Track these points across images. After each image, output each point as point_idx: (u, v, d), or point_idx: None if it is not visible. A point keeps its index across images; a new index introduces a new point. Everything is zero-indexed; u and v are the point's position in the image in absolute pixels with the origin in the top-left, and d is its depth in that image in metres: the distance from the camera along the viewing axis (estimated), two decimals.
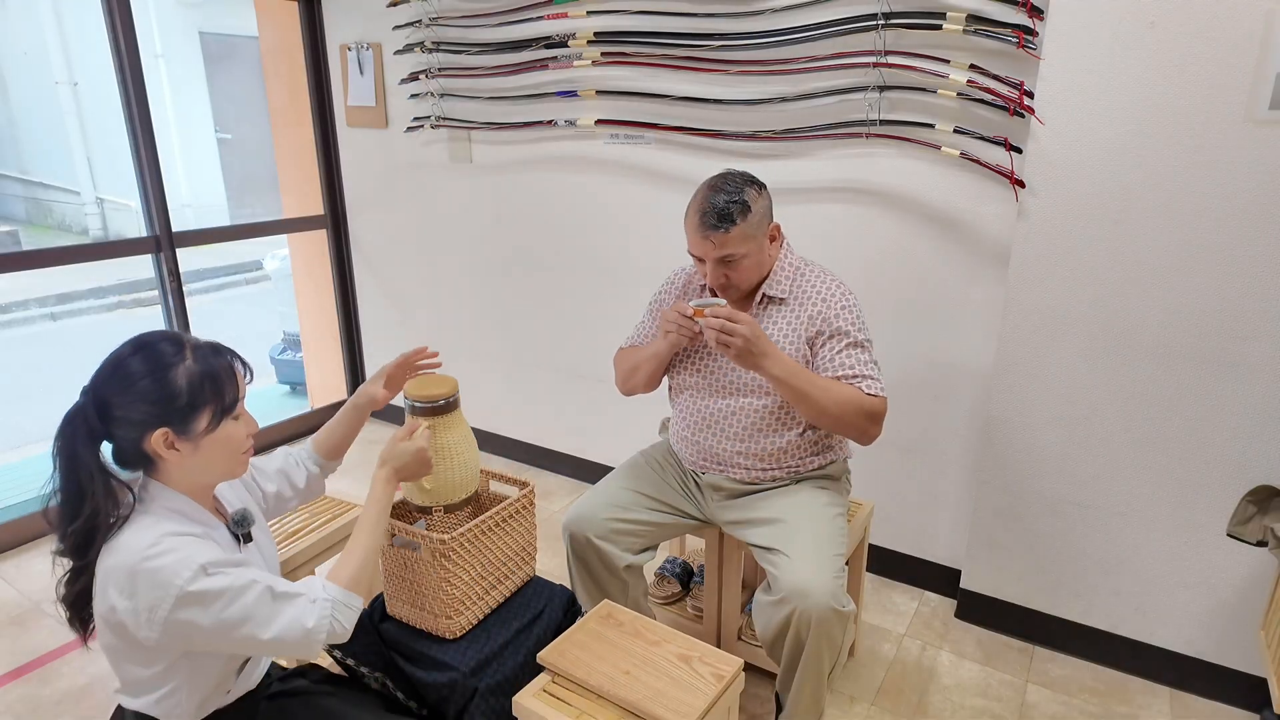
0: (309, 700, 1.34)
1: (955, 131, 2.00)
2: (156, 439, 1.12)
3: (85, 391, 1.12)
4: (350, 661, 1.47)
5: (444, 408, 1.47)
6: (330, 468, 1.54)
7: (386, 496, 1.33)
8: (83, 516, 1.09)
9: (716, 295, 1.71)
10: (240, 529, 1.25)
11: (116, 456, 1.16)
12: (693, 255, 1.67)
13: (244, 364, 1.22)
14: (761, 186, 1.66)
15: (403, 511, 1.58)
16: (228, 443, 1.18)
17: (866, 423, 1.60)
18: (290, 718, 1.30)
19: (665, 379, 1.85)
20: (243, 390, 1.20)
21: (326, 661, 1.58)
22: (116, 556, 1.08)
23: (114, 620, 1.09)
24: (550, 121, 2.71)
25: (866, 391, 1.59)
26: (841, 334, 1.64)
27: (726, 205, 1.58)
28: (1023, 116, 1.91)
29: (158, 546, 1.06)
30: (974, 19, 1.90)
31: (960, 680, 2.05)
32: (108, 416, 1.11)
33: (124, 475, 1.15)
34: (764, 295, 1.70)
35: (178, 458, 1.14)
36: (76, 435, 1.10)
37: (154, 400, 1.11)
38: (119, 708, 1.23)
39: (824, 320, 1.65)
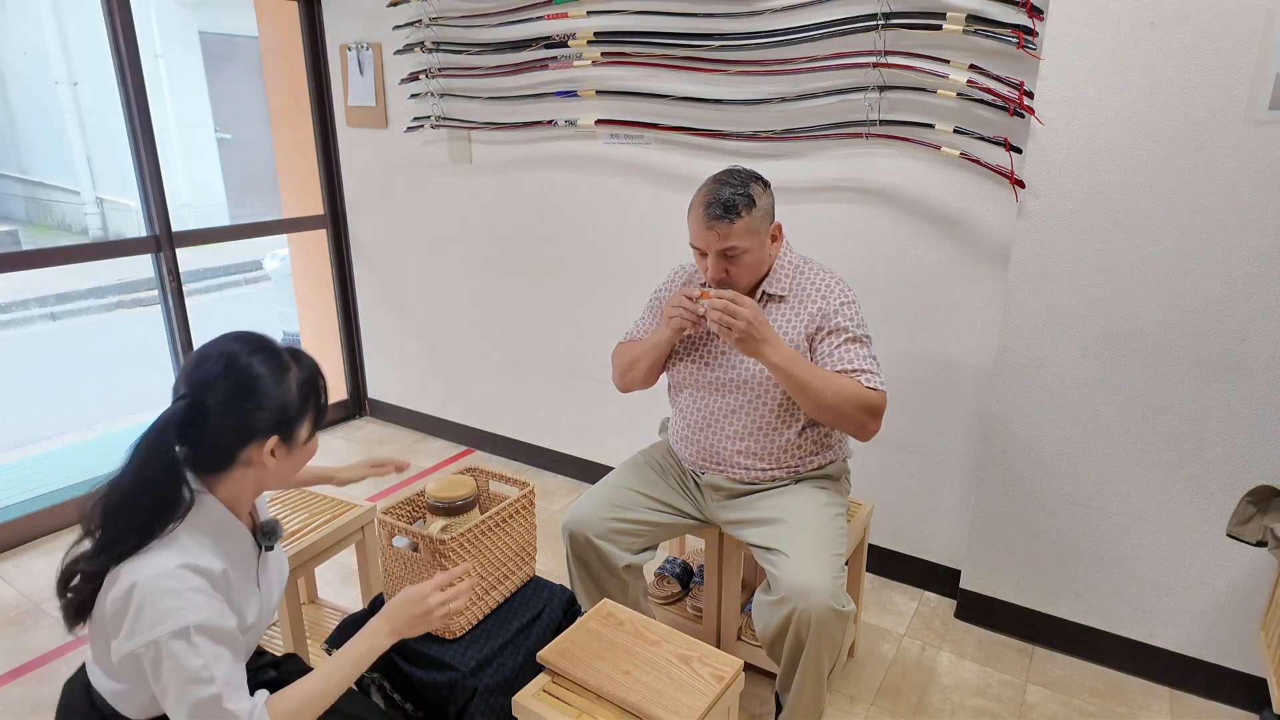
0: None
1: (955, 131, 2.00)
2: (268, 446, 1.09)
3: (184, 394, 1.06)
4: None
5: (461, 508, 1.51)
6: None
7: (372, 654, 1.18)
8: (139, 520, 1.04)
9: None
10: (267, 541, 1.22)
11: (196, 461, 1.11)
12: (694, 248, 1.67)
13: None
14: (766, 184, 1.66)
15: (403, 511, 1.58)
16: (310, 450, 1.17)
17: (866, 416, 1.59)
18: None
19: (664, 376, 1.85)
20: None
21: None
22: (139, 566, 1.02)
23: (102, 612, 1.06)
24: (550, 121, 2.71)
25: (866, 385, 1.59)
26: (841, 330, 1.64)
27: (732, 198, 1.58)
28: (1023, 116, 1.91)
29: (170, 580, 1.02)
30: (974, 19, 1.90)
31: (960, 680, 2.05)
32: (205, 421, 1.06)
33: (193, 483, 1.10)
34: (764, 293, 1.70)
35: (271, 465, 1.11)
36: (168, 438, 1.05)
37: (275, 407, 1.09)
38: (83, 666, 1.19)
39: (824, 316, 1.66)
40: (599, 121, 2.60)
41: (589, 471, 3.07)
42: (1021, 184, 1.90)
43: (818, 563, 1.54)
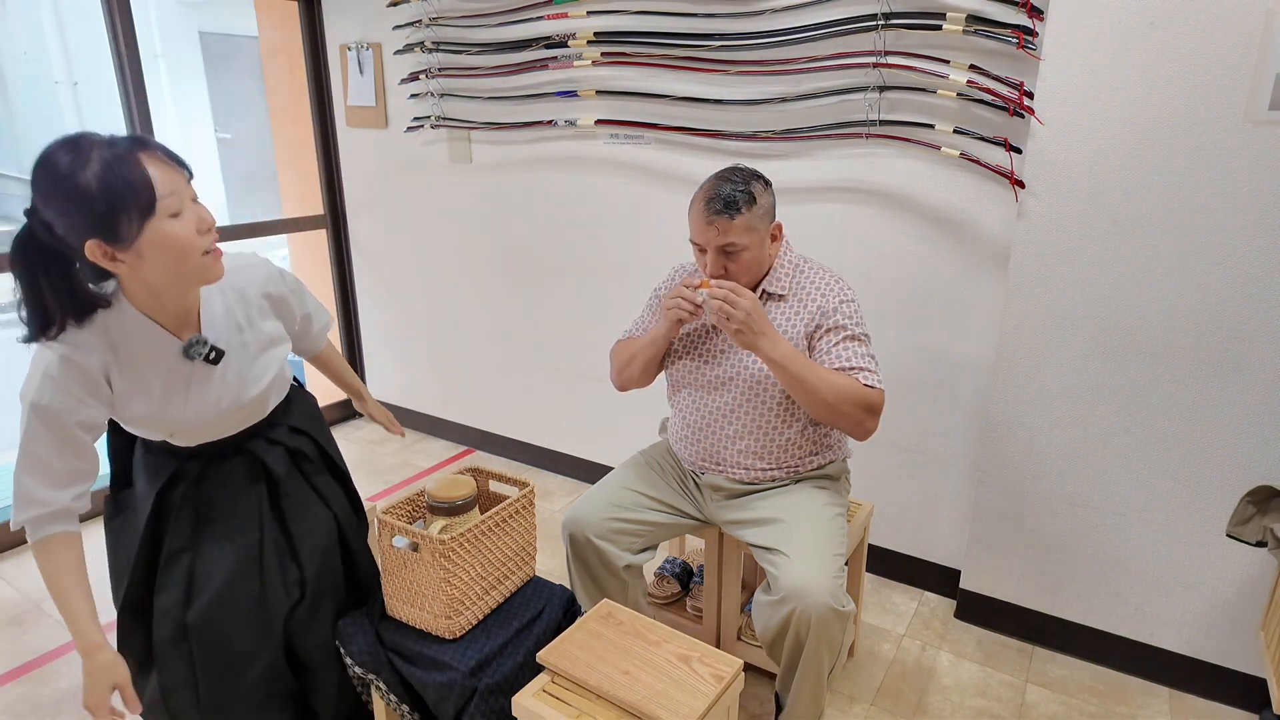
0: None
1: (955, 132, 2.00)
2: (92, 250, 1.12)
3: (27, 213, 1.13)
4: (348, 661, 1.47)
5: (461, 508, 1.51)
6: (313, 359, 1.73)
7: (73, 634, 1.26)
8: (36, 319, 1.18)
9: None
10: (189, 352, 1.29)
11: (82, 271, 1.19)
12: (694, 244, 1.67)
13: (170, 155, 1.18)
14: (767, 183, 1.67)
15: (403, 511, 1.58)
16: (170, 242, 1.15)
17: (863, 414, 1.59)
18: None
19: (663, 375, 1.85)
20: (175, 184, 1.16)
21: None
22: (38, 352, 1.22)
23: None
24: (550, 121, 2.71)
25: (864, 383, 1.59)
26: (839, 328, 1.64)
27: (733, 194, 1.59)
28: (1023, 117, 1.91)
29: (55, 352, 1.19)
30: (974, 19, 1.90)
31: (960, 680, 2.05)
32: (54, 234, 1.12)
33: (94, 288, 1.22)
34: (764, 291, 1.70)
35: (126, 269, 1.16)
36: (32, 255, 1.14)
37: (69, 211, 1.10)
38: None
39: (823, 314, 1.66)
40: (599, 121, 2.60)
41: (589, 471, 3.07)
42: (1021, 184, 1.90)
43: (818, 563, 1.54)
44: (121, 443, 1.43)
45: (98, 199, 1.08)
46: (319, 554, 1.50)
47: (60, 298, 1.17)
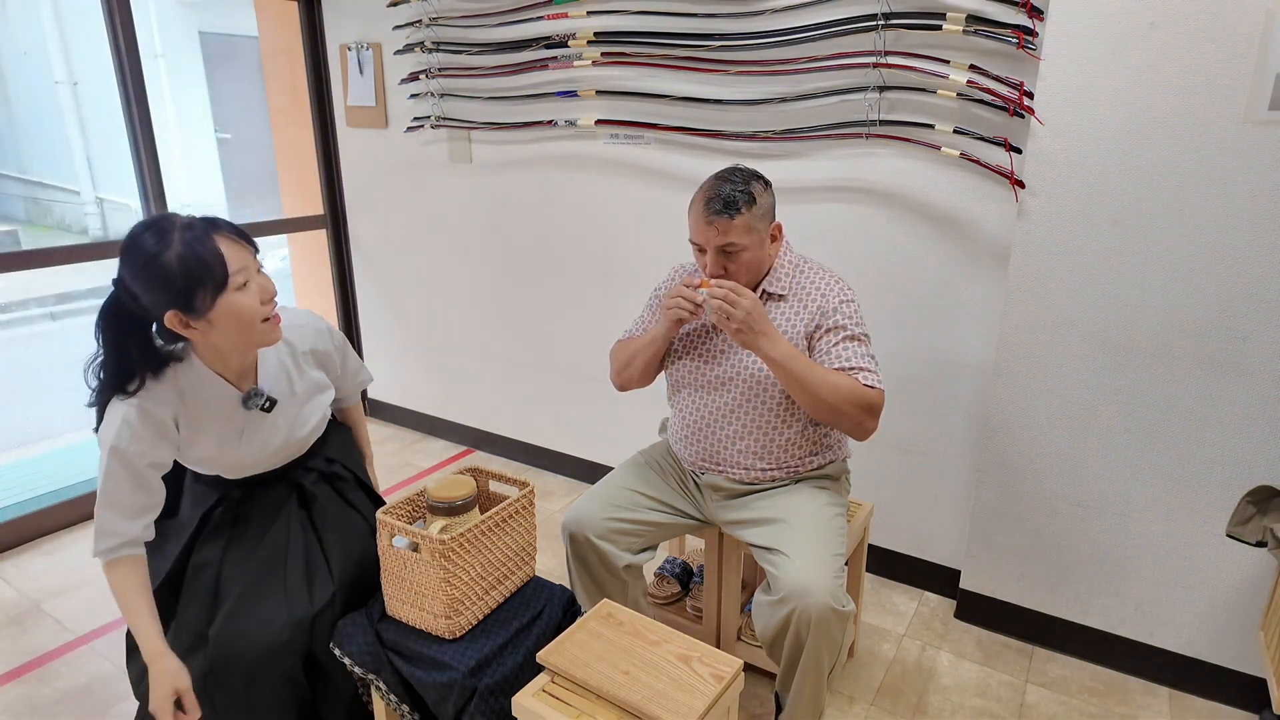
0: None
1: (955, 132, 2.00)
2: (171, 320, 1.30)
3: (115, 283, 1.32)
4: (347, 661, 1.47)
5: (461, 508, 1.51)
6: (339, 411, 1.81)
7: (142, 647, 1.36)
8: (115, 375, 1.35)
9: None
10: (247, 403, 1.45)
11: (159, 333, 1.38)
12: (693, 244, 1.67)
13: (239, 233, 1.34)
14: (768, 184, 1.67)
15: (403, 511, 1.58)
16: (237, 313, 1.32)
17: (863, 414, 1.59)
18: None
19: (663, 375, 1.85)
20: (242, 260, 1.32)
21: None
22: (114, 405, 1.36)
23: None
24: (550, 121, 2.71)
25: (864, 383, 1.59)
26: (839, 327, 1.64)
27: (733, 194, 1.59)
28: (1022, 117, 1.91)
29: (133, 404, 1.34)
30: (974, 19, 1.90)
31: (960, 680, 2.05)
32: (138, 304, 1.30)
33: (167, 348, 1.40)
34: (765, 291, 1.70)
35: (198, 334, 1.33)
36: (118, 320, 1.32)
37: (153, 288, 1.26)
38: None
39: (823, 314, 1.66)
40: (599, 121, 2.60)
41: (589, 471, 3.07)
42: (1021, 184, 1.90)
43: (818, 563, 1.54)
44: (170, 474, 1.51)
45: (178, 277, 1.25)
46: (354, 560, 1.57)
47: (141, 356, 1.35)
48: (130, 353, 1.34)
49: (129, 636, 1.46)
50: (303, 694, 1.47)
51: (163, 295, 1.27)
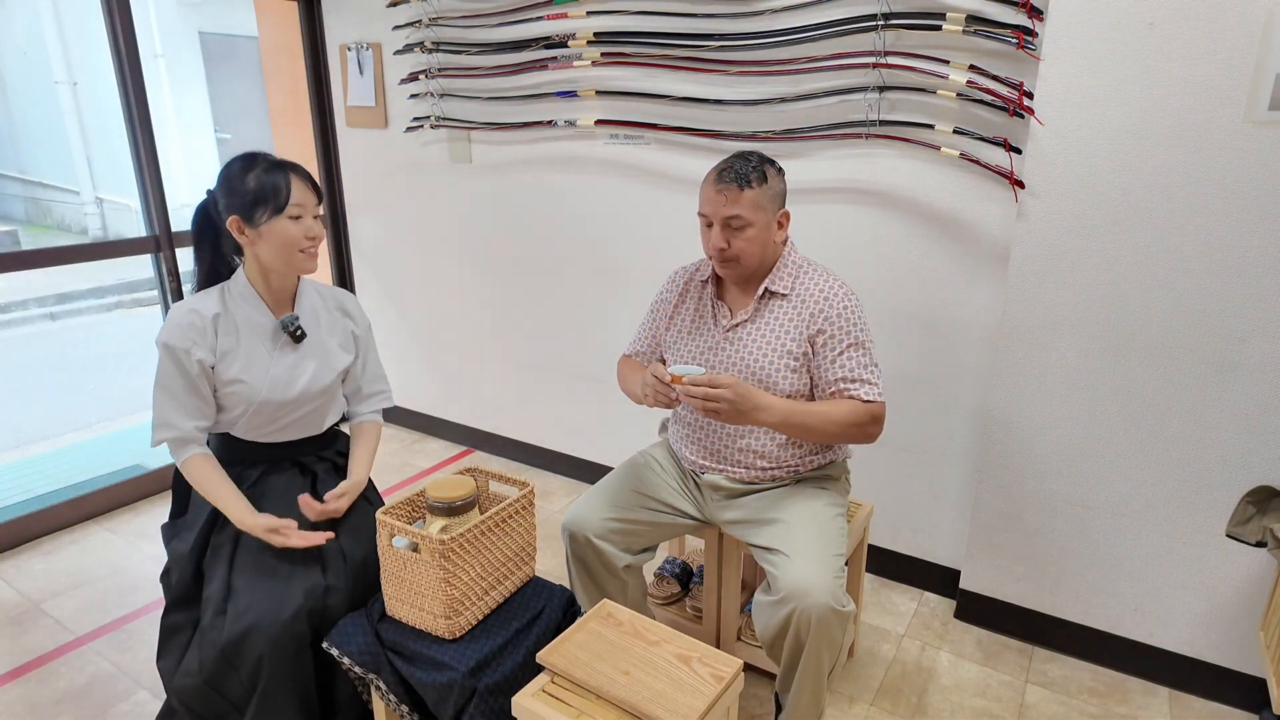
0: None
1: (955, 132, 2.00)
2: (231, 224, 1.55)
3: (208, 191, 1.62)
4: (346, 661, 1.47)
5: (461, 508, 1.52)
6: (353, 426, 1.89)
7: (231, 516, 1.55)
8: (200, 270, 1.68)
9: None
10: (283, 324, 1.64)
11: (225, 242, 1.64)
12: (701, 216, 1.68)
13: (312, 182, 1.60)
14: (780, 170, 1.69)
15: (402, 511, 1.58)
16: (283, 235, 1.55)
17: (869, 429, 1.63)
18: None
19: None
20: (304, 200, 1.56)
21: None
22: (176, 308, 1.60)
23: None
24: (550, 121, 2.71)
25: (865, 399, 1.60)
26: (842, 334, 1.64)
27: (745, 169, 1.62)
28: (1022, 117, 1.91)
29: (185, 304, 1.59)
30: (973, 19, 1.90)
31: (959, 680, 2.05)
32: (216, 208, 1.59)
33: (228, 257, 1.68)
34: (766, 290, 1.71)
35: (247, 242, 1.57)
36: (203, 216, 1.64)
37: (229, 195, 1.54)
38: None
39: (825, 319, 1.66)
40: (599, 122, 2.60)
41: (589, 471, 3.07)
42: (1021, 184, 1.90)
43: (818, 563, 1.54)
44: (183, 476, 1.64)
45: (250, 191, 1.53)
46: (364, 542, 1.62)
47: (212, 255, 1.66)
48: (204, 249, 1.65)
49: (163, 631, 1.55)
50: (314, 673, 1.50)
51: (233, 200, 1.53)
